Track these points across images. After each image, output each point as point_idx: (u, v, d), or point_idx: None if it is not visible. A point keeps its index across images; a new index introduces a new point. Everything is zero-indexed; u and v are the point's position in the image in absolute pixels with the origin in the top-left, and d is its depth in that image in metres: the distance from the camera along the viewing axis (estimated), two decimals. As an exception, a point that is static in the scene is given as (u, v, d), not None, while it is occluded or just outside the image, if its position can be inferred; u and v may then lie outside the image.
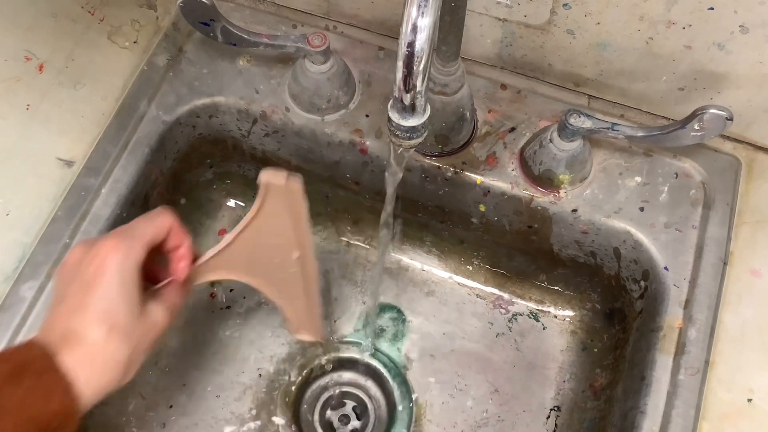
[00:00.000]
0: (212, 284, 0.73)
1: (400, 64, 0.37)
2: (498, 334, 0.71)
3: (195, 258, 0.51)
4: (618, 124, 0.56)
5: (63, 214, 0.58)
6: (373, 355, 0.71)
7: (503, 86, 0.64)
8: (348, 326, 0.72)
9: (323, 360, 0.71)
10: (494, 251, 0.71)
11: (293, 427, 0.68)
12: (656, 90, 0.59)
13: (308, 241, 0.54)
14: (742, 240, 0.58)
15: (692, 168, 0.60)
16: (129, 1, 0.67)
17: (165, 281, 0.49)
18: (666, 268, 0.58)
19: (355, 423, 0.70)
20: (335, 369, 0.71)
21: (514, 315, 0.72)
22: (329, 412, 0.70)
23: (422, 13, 0.36)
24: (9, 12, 0.66)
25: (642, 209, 0.59)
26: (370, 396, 0.71)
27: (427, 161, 0.62)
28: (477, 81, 0.64)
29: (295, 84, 0.62)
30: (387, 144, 0.62)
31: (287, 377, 0.70)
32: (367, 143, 0.63)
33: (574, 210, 0.60)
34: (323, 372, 0.71)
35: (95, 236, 0.58)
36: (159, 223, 0.48)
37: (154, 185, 0.65)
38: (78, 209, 0.58)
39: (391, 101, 0.40)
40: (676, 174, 0.60)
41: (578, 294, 0.71)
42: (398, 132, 0.41)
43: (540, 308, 0.72)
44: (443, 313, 0.73)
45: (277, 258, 0.54)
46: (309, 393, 0.70)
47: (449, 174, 0.62)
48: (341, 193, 0.71)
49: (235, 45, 0.61)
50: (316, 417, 0.70)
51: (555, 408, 0.68)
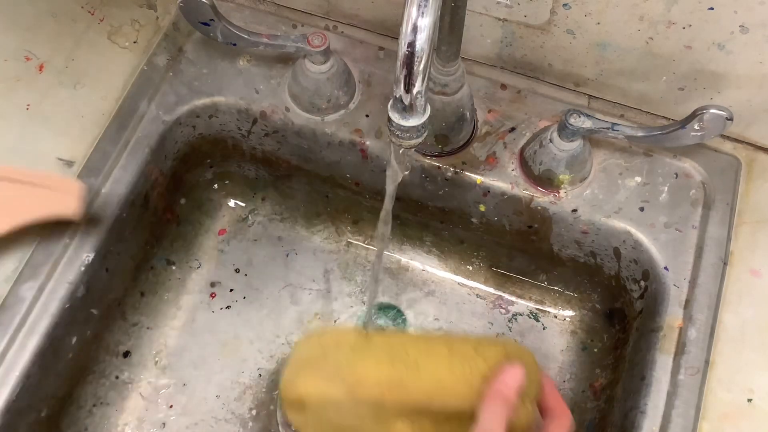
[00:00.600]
0: (212, 284, 0.73)
1: (400, 64, 0.37)
2: (498, 334, 0.71)
3: None
4: (618, 124, 0.56)
5: (63, 214, 0.58)
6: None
7: (503, 86, 0.64)
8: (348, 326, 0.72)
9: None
10: (494, 251, 0.71)
11: (293, 427, 0.68)
12: (656, 90, 0.59)
13: None
14: (742, 240, 0.58)
15: (692, 168, 0.60)
16: (129, 1, 0.67)
17: None
18: (666, 268, 0.58)
19: (355, 423, 0.70)
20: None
21: (514, 315, 0.72)
22: (329, 412, 0.70)
23: (422, 13, 0.36)
24: (9, 12, 0.66)
25: (642, 209, 0.59)
26: (370, 396, 0.71)
27: (427, 161, 0.62)
28: (477, 81, 0.64)
29: (295, 84, 0.62)
30: (387, 144, 0.62)
31: (287, 377, 0.70)
32: (367, 143, 0.63)
33: (574, 210, 0.60)
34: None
35: (95, 237, 0.58)
36: None
37: (154, 185, 0.65)
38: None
39: (391, 101, 0.40)
40: (676, 174, 0.60)
41: (578, 294, 0.71)
42: (398, 132, 0.41)
43: (540, 308, 0.72)
44: (443, 313, 0.73)
45: None
46: (309, 393, 0.70)
47: (449, 174, 0.62)
48: (341, 193, 0.71)
49: (235, 45, 0.61)
50: (316, 417, 0.70)
51: (555, 408, 0.68)
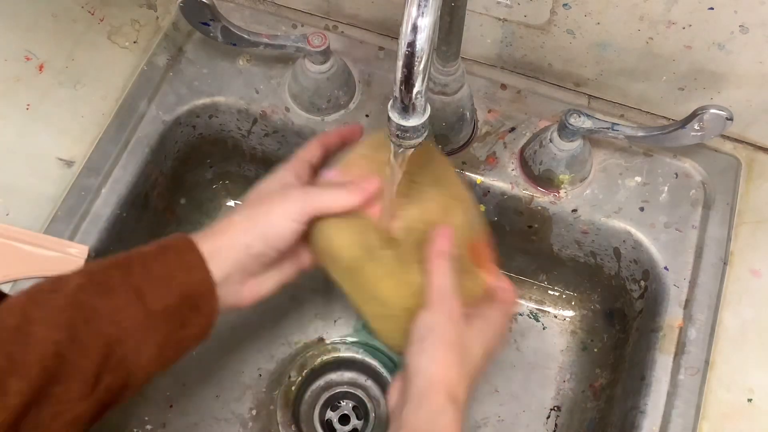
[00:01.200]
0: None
1: (400, 64, 0.37)
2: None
3: None
4: (618, 124, 0.56)
5: (63, 214, 0.58)
6: (374, 355, 0.71)
7: (503, 86, 0.64)
8: (348, 326, 0.72)
9: (322, 360, 0.71)
10: (494, 251, 0.71)
11: (293, 427, 0.68)
12: (656, 90, 0.59)
13: None
14: (742, 240, 0.58)
15: (692, 168, 0.60)
16: (129, 1, 0.67)
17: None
18: (666, 268, 0.58)
19: (356, 423, 0.70)
20: (335, 369, 0.71)
21: (514, 315, 0.72)
22: (329, 412, 0.70)
23: (422, 13, 0.36)
24: (9, 12, 0.66)
25: (642, 209, 0.59)
26: (370, 396, 0.71)
27: (427, 161, 0.62)
28: (477, 81, 0.64)
29: (295, 84, 0.62)
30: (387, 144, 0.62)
31: (287, 377, 0.70)
32: (367, 143, 0.63)
33: (574, 210, 0.60)
34: (323, 372, 0.71)
35: (95, 237, 0.58)
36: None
37: (154, 185, 0.65)
38: (78, 209, 0.58)
39: (391, 101, 0.40)
40: (676, 174, 0.60)
41: (578, 294, 0.71)
42: (398, 132, 0.41)
43: (540, 308, 0.72)
44: (443, 313, 0.72)
45: None
46: (309, 393, 0.70)
47: (449, 174, 0.62)
48: (341, 193, 0.71)
49: (235, 45, 0.61)
50: (316, 417, 0.70)
51: (555, 408, 0.68)
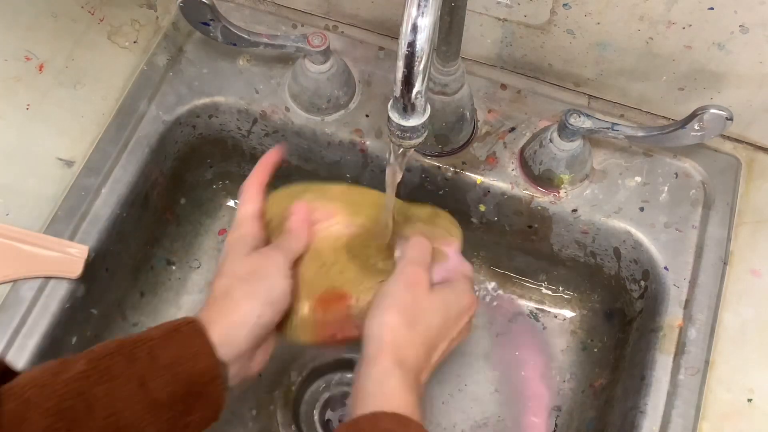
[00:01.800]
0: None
1: (400, 64, 0.37)
2: (498, 334, 0.71)
3: None
4: (618, 124, 0.56)
5: (63, 214, 0.58)
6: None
7: (503, 86, 0.64)
8: (348, 326, 0.72)
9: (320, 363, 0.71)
10: (494, 251, 0.71)
11: (293, 427, 0.68)
12: (656, 90, 0.59)
13: None
14: (742, 240, 0.58)
15: (692, 168, 0.60)
16: (129, 1, 0.67)
17: None
18: (666, 268, 0.58)
19: (355, 423, 0.70)
20: (335, 369, 0.71)
21: (514, 315, 0.72)
22: (329, 412, 0.70)
23: (422, 13, 0.36)
24: (9, 12, 0.66)
25: (642, 209, 0.59)
26: (370, 396, 0.71)
27: (427, 161, 0.62)
28: (477, 81, 0.64)
29: (295, 84, 0.62)
30: (387, 144, 0.62)
31: (287, 377, 0.69)
32: (367, 143, 0.63)
33: (574, 210, 0.60)
34: (323, 372, 0.71)
35: (95, 237, 0.58)
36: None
37: (154, 185, 0.65)
38: (78, 209, 0.58)
39: (391, 101, 0.40)
40: (676, 174, 0.60)
41: (578, 294, 0.71)
42: (398, 132, 0.41)
43: (540, 308, 0.72)
44: (443, 313, 0.72)
45: None
46: (309, 393, 0.70)
47: (449, 174, 0.62)
48: (341, 193, 0.71)
49: (235, 45, 0.61)
50: (316, 417, 0.70)
51: (555, 408, 0.68)
